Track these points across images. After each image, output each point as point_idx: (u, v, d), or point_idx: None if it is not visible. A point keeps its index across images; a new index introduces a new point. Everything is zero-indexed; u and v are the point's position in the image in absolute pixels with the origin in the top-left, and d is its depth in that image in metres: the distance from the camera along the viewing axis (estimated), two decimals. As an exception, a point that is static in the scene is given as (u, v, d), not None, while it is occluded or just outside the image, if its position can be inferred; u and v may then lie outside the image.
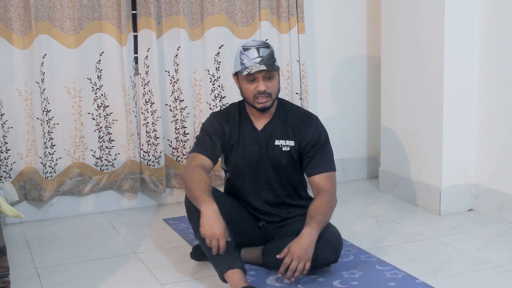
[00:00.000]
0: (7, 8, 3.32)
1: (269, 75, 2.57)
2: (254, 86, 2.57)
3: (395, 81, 3.82)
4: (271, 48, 2.60)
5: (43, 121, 3.45)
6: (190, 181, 2.50)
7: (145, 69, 3.59)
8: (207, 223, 2.36)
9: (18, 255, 2.99)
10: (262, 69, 2.52)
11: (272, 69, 2.56)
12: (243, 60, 2.56)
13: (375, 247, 2.99)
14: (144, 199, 3.80)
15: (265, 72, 2.55)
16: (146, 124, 3.63)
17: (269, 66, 2.54)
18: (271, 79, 2.58)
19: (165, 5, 3.61)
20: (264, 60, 2.53)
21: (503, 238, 3.11)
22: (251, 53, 2.55)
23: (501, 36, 3.34)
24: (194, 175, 2.52)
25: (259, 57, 2.54)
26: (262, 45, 2.58)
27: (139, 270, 2.79)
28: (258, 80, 2.56)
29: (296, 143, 2.69)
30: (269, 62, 2.54)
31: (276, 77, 2.61)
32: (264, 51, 2.56)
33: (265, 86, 2.56)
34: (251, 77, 2.56)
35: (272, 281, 2.59)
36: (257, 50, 2.55)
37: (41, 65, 3.41)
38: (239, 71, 2.59)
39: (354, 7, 4.19)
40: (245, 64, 2.55)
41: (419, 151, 3.66)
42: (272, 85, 2.59)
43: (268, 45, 2.60)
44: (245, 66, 2.55)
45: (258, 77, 2.55)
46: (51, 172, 3.49)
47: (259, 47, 2.56)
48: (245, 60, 2.55)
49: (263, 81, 2.56)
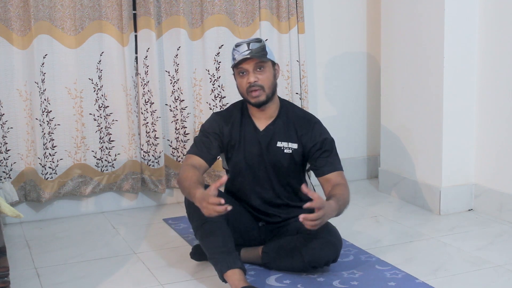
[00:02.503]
0: (7, 8, 3.32)
1: (259, 66, 2.58)
2: (246, 79, 2.59)
3: (395, 81, 3.82)
4: (262, 42, 2.62)
5: (44, 121, 3.45)
6: (183, 179, 2.54)
7: (145, 69, 3.59)
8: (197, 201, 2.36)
9: (18, 255, 2.99)
10: (246, 57, 2.55)
11: (260, 59, 2.57)
12: (234, 55, 2.61)
13: (375, 247, 2.99)
14: (144, 199, 3.80)
15: (253, 62, 2.56)
16: (146, 124, 3.63)
17: (256, 56, 2.56)
18: (262, 71, 2.59)
19: (165, 5, 3.61)
20: (252, 52, 2.56)
21: (503, 238, 3.11)
22: (241, 47, 2.59)
23: (501, 36, 3.34)
24: (184, 172, 2.56)
25: (248, 50, 2.57)
26: (253, 40, 2.62)
27: (139, 270, 2.79)
28: (248, 72, 2.58)
29: (300, 146, 2.69)
30: (258, 54, 2.56)
31: (268, 70, 2.61)
32: (254, 45, 2.59)
33: (255, 77, 2.58)
34: (241, 69, 2.59)
35: (272, 281, 2.59)
36: (247, 45, 2.59)
37: (41, 65, 3.41)
38: (232, 67, 2.65)
39: (354, 7, 4.20)
40: (235, 58, 2.60)
41: (419, 151, 3.66)
42: (263, 77, 2.59)
43: (259, 40, 2.63)
44: (235, 59, 2.60)
45: (249, 69, 2.58)
46: (52, 173, 3.49)
47: (249, 42, 2.60)
48: (236, 55, 2.60)
49: (254, 73, 2.58)
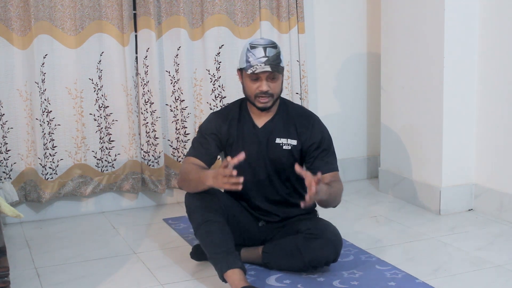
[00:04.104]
0: (7, 8, 3.32)
1: (273, 76, 2.56)
2: (257, 85, 2.56)
3: (395, 81, 3.82)
4: (278, 48, 2.57)
5: (44, 121, 3.44)
6: (186, 176, 2.55)
7: (145, 69, 3.59)
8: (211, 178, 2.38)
9: (18, 255, 2.99)
10: (267, 70, 2.52)
11: (277, 71, 2.54)
12: (249, 58, 2.54)
13: (375, 247, 2.99)
14: (144, 199, 3.80)
15: (269, 73, 2.54)
16: (146, 124, 3.63)
17: (274, 68, 2.52)
18: (274, 80, 2.57)
19: (165, 5, 3.60)
20: (269, 60, 2.52)
21: (503, 238, 3.11)
22: (257, 51, 2.53)
23: (501, 36, 3.34)
24: (186, 169, 2.57)
25: (265, 57, 2.52)
26: (270, 44, 2.56)
27: (139, 270, 2.79)
28: (261, 79, 2.55)
29: (299, 143, 2.69)
30: (275, 63, 2.53)
31: (280, 78, 2.60)
32: (271, 51, 2.54)
33: (267, 86, 2.55)
34: (254, 76, 2.55)
35: (272, 281, 2.59)
36: (264, 49, 2.53)
37: (41, 65, 3.40)
38: (244, 68, 2.58)
39: (354, 6, 4.19)
40: (250, 62, 2.54)
41: (419, 151, 3.66)
42: (275, 86, 2.58)
43: (275, 45, 2.58)
44: (250, 64, 2.54)
45: (262, 77, 2.55)
46: (52, 174, 3.49)
47: (266, 47, 2.54)
48: (251, 58, 2.54)
49: (267, 81, 2.55)
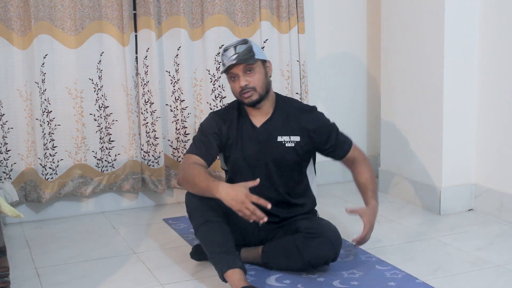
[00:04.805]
0: (7, 8, 3.32)
1: (248, 69, 2.58)
2: (237, 83, 2.60)
3: (395, 81, 3.82)
4: (249, 43, 2.61)
5: (44, 122, 3.44)
6: (191, 177, 2.52)
7: (145, 69, 3.59)
8: (227, 195, 2.36)
9: (18, 255, 2.99)
10: (233, 64, 2.55)
11: (246, 62, 2.56)
12: (223, 60, 2.62)
13: (375, 247, 2.98)
14: (144, 199, 3.80)
15: (242, 66, 2.56)
16: (146, 124, 3.63)
17: (243, 60, 2.55)
18: (251, 73, 2.59)
19: (165, 5, 3.61)
20: (239, 55, 2.56)
21: (503, 238, 3.11)
22: (229, 52, 2.60)
23: (501, 36, 3.34)
24: (193, 170, 2.54)
25: (235, 54, 2.57)
26: (239, 42, 2.62)
27: (139, 270, 2.79)
28: (238, 76, 2.59)
29: (303, 138, 2.69)
30: (245, 57, 2.56)
31: (258, 70, 2.60)
32: (241, 48, 2.58)
33: (245, 80, 2.58)
34: (231, 74, 2.60)
35: (272, 281, 2.59)
36: (234, 48, 2.59)
37: (41, 65, 3.40)
38: (224, 72, 2.64)
39: (354, 7, 4.20)
40: (224, 63, 2.60)
41: (419, 151, 3.66)
42: (253, 78, 2.59)
43: (246, 41, 2.63)
44: (224, 65, 2.61)
45: (238, 73, 2.58)
46: (52, 174, 3.49)
47: (236, 45, 2.60)
48: (224, 60, 2.61)
49: (243, 76, 2.58)
